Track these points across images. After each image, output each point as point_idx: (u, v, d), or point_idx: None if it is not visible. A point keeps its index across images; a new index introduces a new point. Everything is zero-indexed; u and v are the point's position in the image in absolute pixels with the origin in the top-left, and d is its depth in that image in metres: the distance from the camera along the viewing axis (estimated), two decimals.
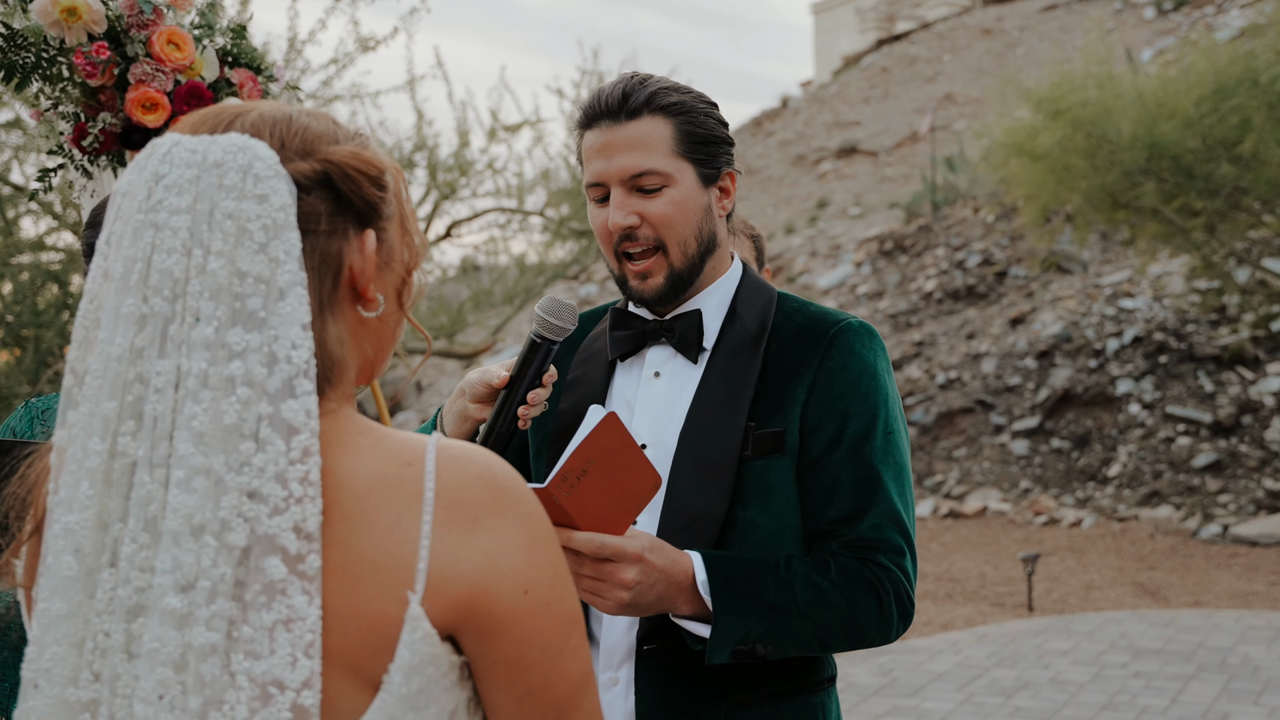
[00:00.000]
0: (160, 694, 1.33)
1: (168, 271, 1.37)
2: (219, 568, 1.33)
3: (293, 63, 11.50)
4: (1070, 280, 20.21)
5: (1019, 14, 42.82)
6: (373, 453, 1.44)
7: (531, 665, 1.44)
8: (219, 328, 1.36)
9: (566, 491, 2.05)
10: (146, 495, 1.35)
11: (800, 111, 42.16)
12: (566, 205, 16.11)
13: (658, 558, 2.20)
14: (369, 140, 1.55)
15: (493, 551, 1.41)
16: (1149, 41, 32.68)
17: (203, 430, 1.34)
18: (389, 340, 1.58)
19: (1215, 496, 14.69)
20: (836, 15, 57.92)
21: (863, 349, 2.47)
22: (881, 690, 8.64)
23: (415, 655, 1.38)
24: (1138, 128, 14.31)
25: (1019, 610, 11.47)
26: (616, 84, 2.47)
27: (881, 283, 23.06)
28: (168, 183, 1.40)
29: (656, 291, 2.47)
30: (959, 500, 16.25)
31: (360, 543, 1.39)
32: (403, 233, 1.56)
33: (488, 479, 1.44)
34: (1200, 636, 10.06)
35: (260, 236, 1.38)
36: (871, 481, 2.40)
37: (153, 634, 1.33)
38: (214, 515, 1.33)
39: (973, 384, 17.94)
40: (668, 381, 2.53)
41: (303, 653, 1.34)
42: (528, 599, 1.42)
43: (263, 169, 1.40)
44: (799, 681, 2.46)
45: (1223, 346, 16.45)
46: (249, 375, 1.35)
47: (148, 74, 3.55)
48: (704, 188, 2.49)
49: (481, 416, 2.43)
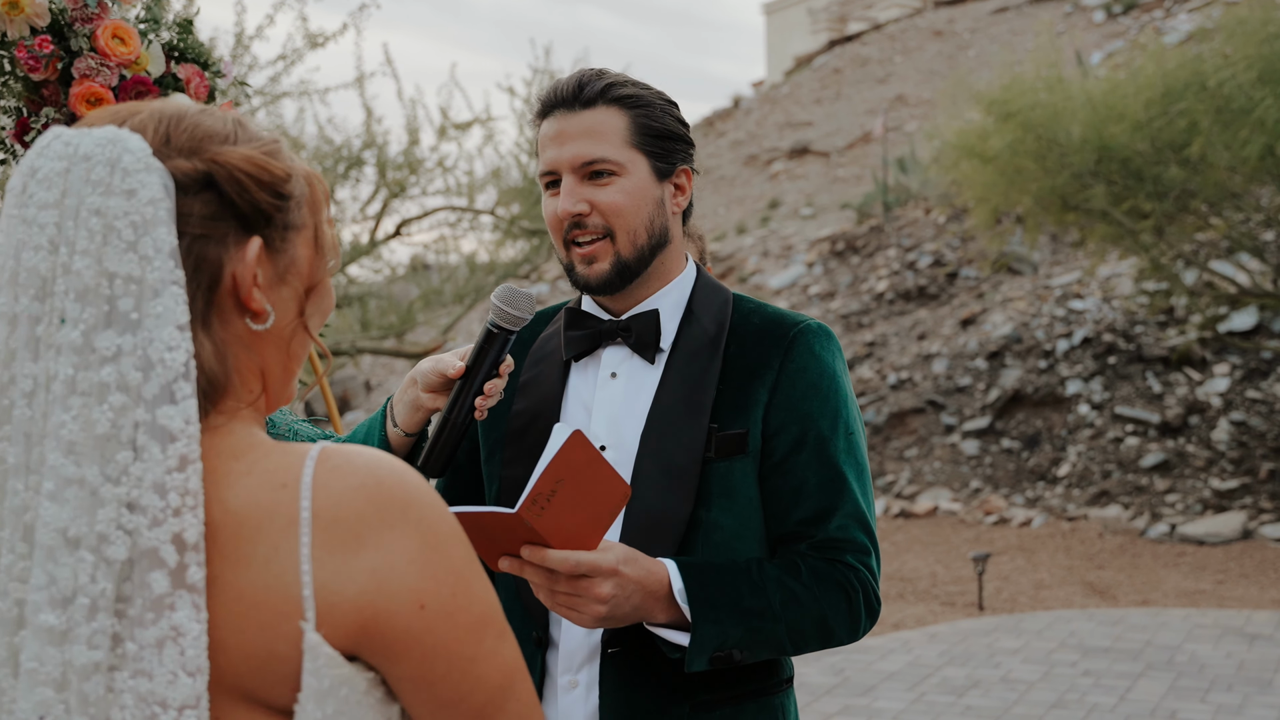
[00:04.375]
0: (41, 715, 1.27)
1: (34, 269, 1.32)
2: (98, 583, 1.27)
3: (240, 58, 11.40)
4: (1020, 281, 20.32)
5: (970, 16, 43.04)
6: (247, 478, 1.36)
7: (440, 679, 1.37)
8: (86, 331, 1.30)
9: (537, 514, 2.02)
10: (21, 504, 1.30)
11: (752, 111, 42.24)
12: (517, 204, 16.05)
13: (633, 570, 2.18)
14: (281, 146, 1.47)
15: (380, 570, 1.33)
16: (1098, 44, 32.92)
17: (73, 439, 1.28)
18: (291, 356, 1.49)
19: (1163, 496, 14.79)
20: (788, 15, 58.10)
21: (822, 350, 2.48)
22: (833, 690, 8.65)
23: (323, 680, 1.32)
24: (1087, 130, 14.39)
25: (969, 609, 11.52)
26: (573, 75, 2.49)
27: (833, 283, 23.12)
28: (40, 177, 1.35)
29: (602, 278, 2.46)
30: (910, 500, 16.31)
31: (239, 579, 1.32)
32: (315, 248, 1.49)
33: (371, 488, 1.35)
34: (1148, 635, 10.14)
35: (129, 234, 1.31)
36: (836, 482, 2.42)
37: (30, 653, 1.28)
38: (90, 529, 1.27)
39: (924, 384, 18.01)
40: (625, 382, 2.51)
41: (184, 670, 1.28)
42: (425, 614, 1.35)
43: (131, 162, 1.34)
44: (760, 683, 2.47)
45: (1171, 348, 16.57)
46: (123, 380, 1.29)
47: (92, 69, 3.50)
48: (657, 181, 2.48)
49: (434, 406, 2.40)
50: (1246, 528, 13.82)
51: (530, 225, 15.86)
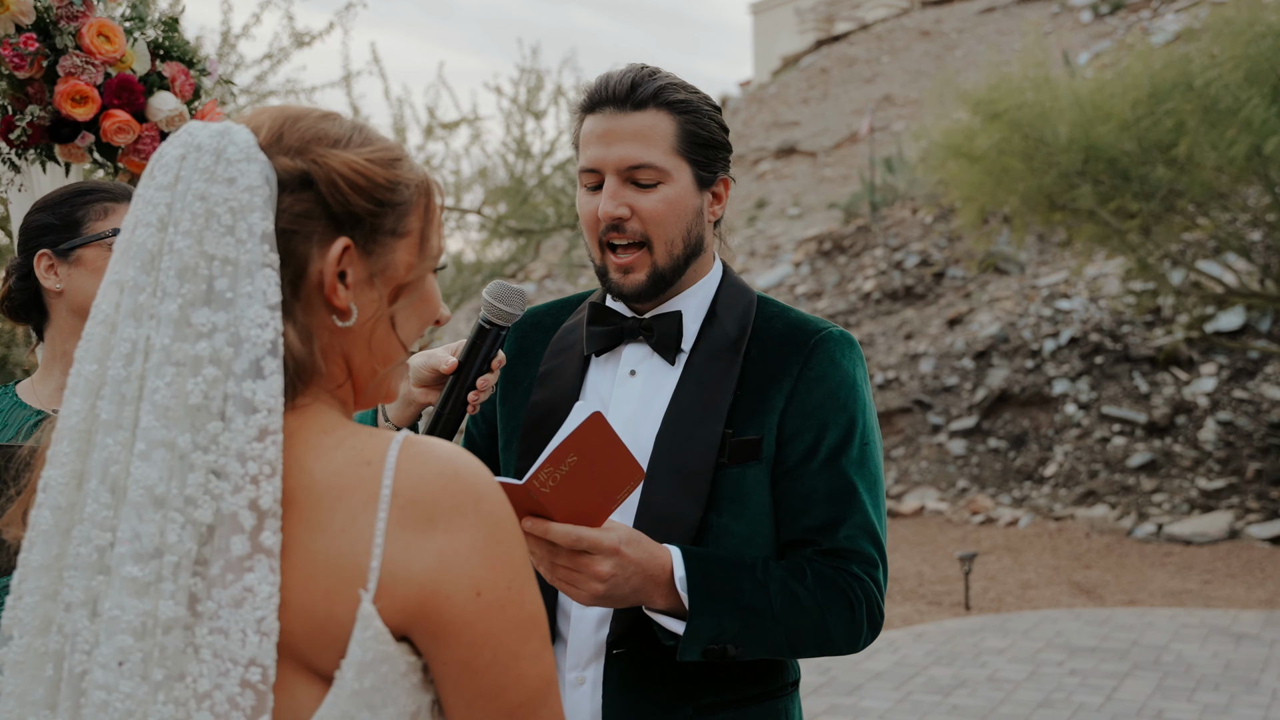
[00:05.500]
0: (120, 660, 1.34)
1: (143, 244, 1.41)
2: (184, 543, 1.34)
3: (226, 57, 11.37)
4: (1007, 281, 20.34)
5: (957, 16, 43.08)
6: (335, 451, 1.43)
7: (484, 668, 1.42)
8: (184, 305, 1.38)
9: (545, 487, 2.03)
10: (109, 457, 1.37)
11: (739, 111, 42.23)
12: (504, 203, 16.03)
13: (634, 551, 2.18)
14: (399, 155, 1.54)
15: (446, 553, 1.40)
16: (1085, 45, 32.97)
17: (166, 405, 1.36)
18: (376, 357, 1.55)
19: (1150, 496, 14.82)
20: (775, 15, 58.11)
21: (843, 359, 2.46)
22: (820, 689, 8.64)
23: (367, 653, 1.37)
24: (1074, 130, 14.40)
25: (956, 609, 11.53)
26: (626, 72, 2.44)
27: (820, 283, 23.13)
28: (163, 162, 1.44)
29: (637, 288, 2.45)
30: (897, 500, 16.33)
31: (313, 542, 1.38)
32: (418, 253, 1.57)
33: (449, 476, 1.42)
34: (1135, 634, 10.15)
35: (227, 219, 1.40)
36: (847, 493, 2.40)
37: (113, 601, 1.35)
38: (179, 491, 1.34)
39: (911, 384, 18.03)
40: (643, 381, 2.50)
41: (254, 629, 1.34)
42: (480, 601, 1.41)
43: (234, 153, 1.42)
44: (764, 686, 2.45)
45: (1157, 348, 16.60)
46: (216, 355, 1.37)
47: (77, 67, 3.48)
48: (699, 190, 2.47)
49: (426, 401, 2.40)
50: (1233, 527, 13.85)
51: (517, 225, 15.85)
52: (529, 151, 16.07)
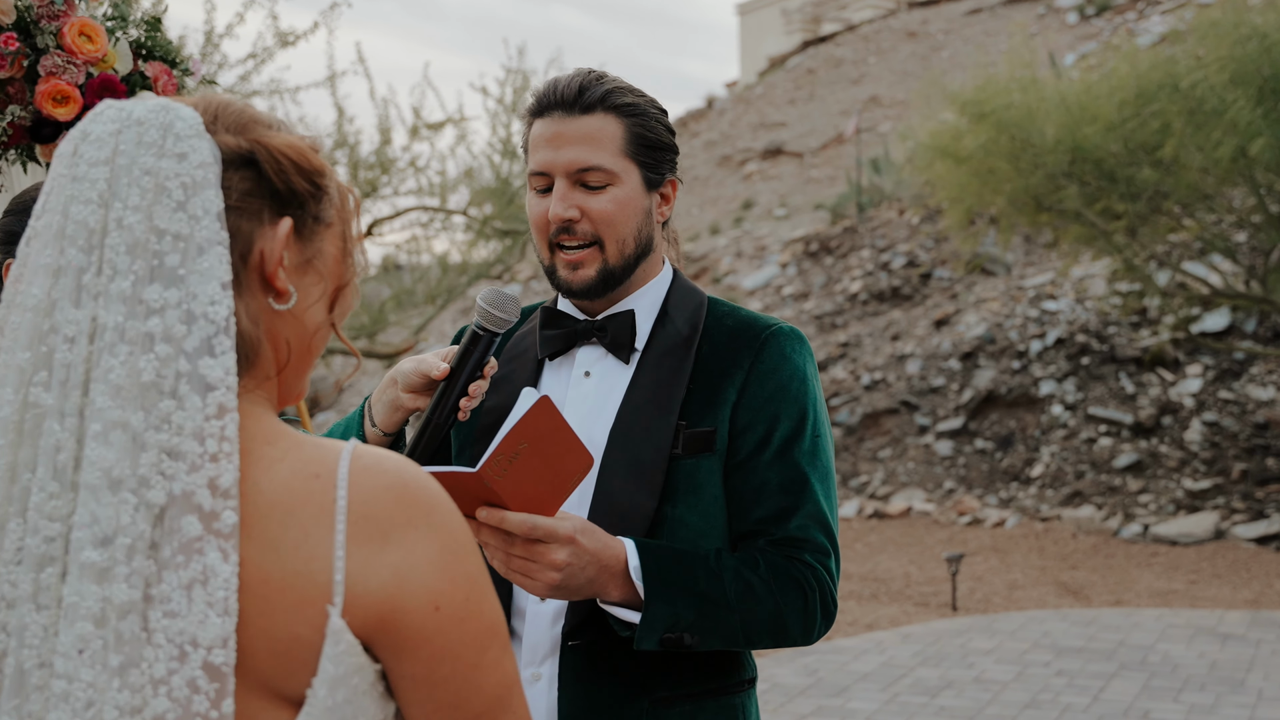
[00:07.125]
0: (80, 648, 1.31)
1: (83, 222, 1.38)
2: (138, 525, 1.32)
3: (209, 57, 11.34)
4: (994, 282, 20.37)
5: (944, 17, 43.16)
6: (280, 464, 1.41)
7: (443, 681, 1.41)
8: (135, 282, 1.36)
9: (499, 474, 2.03)
10: (55, 444, 1.35)
11: (726, 112, 42.27)
12: (490, 204, 16.02)
13: (589, 540, 2.19)
14: (320, 147, 1.55)
15: (402, 568, 1.38)
16: (1072, 46, 33.04)
17: (120, 384, 1.34)
18: (309, 344, 1.55)
19: (1136, 496, 14.85)
20: (762, 16, 58.20)
21: (793, 353, 2.50)
22: (807, 690, 8.64)
23: (340, 667, 1.36)
24: (1061, 131, 14.42)
25: (943, 610, 11.53)
26: (574, 77, 2.48)
27: (807, 284, 23.14)
28: (91, 138, 1.41)
29: (586, 284, 2.47)
30: (884, 500, 16.33)
31: (266, 562, 1.36)
32: (342, 249, 1.56)
33: (399, 489, 1.41)
34: (1121, 635, 10.16)
35: (179, 194, 1.38)
36: (799, 483, 2.43)
37: (72, 588, 1.32)
38: (132, 471, 1.32)
39: (897, 385, 18.03)
40: (598, 381, 2.53)
41: (215, 611, 1.32)
42: (439, 615, 1.40)
43: (184, 128, 1.41)
44: (721, 681, 2.47)
45: (1143, 348, 16.63)
46: (168, 332, 1.35)
47: (59, 66, 3.46)
48: (647, 191, 2.51)
49: (415, 406, 2.41)
50: (1219, 528, 13.87)
51: (503, 226, 15.83)
52: (515, 152, 16.05)
